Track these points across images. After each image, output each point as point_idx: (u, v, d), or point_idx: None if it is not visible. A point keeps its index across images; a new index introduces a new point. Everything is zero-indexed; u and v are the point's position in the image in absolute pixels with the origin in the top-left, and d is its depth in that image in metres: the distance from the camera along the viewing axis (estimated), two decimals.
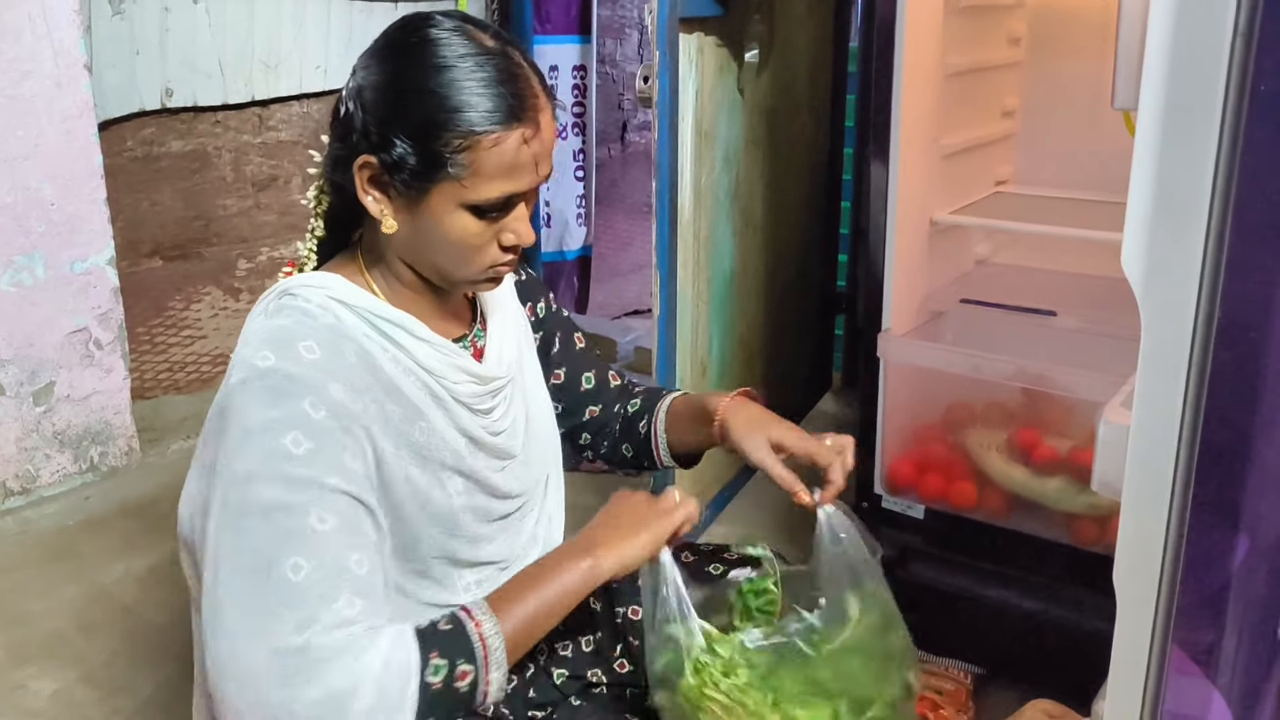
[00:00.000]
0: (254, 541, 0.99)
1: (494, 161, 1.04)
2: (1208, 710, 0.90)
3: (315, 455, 1.01)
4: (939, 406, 1.92)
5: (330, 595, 0.98)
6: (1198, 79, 0.76)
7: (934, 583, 1.76)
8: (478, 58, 1.04)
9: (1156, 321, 0.82)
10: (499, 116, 1.03)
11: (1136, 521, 0.87)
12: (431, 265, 1.12)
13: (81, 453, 2.45)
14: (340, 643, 0.97)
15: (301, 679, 0.96)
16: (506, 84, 1.04)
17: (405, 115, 1.04)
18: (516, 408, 1.28)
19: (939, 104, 1.80)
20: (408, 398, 1.13)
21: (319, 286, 1.11)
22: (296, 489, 1.00)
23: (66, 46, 2.25)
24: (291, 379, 1.03)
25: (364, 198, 1.08)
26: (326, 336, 1.07)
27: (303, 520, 0.99)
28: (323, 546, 0.99)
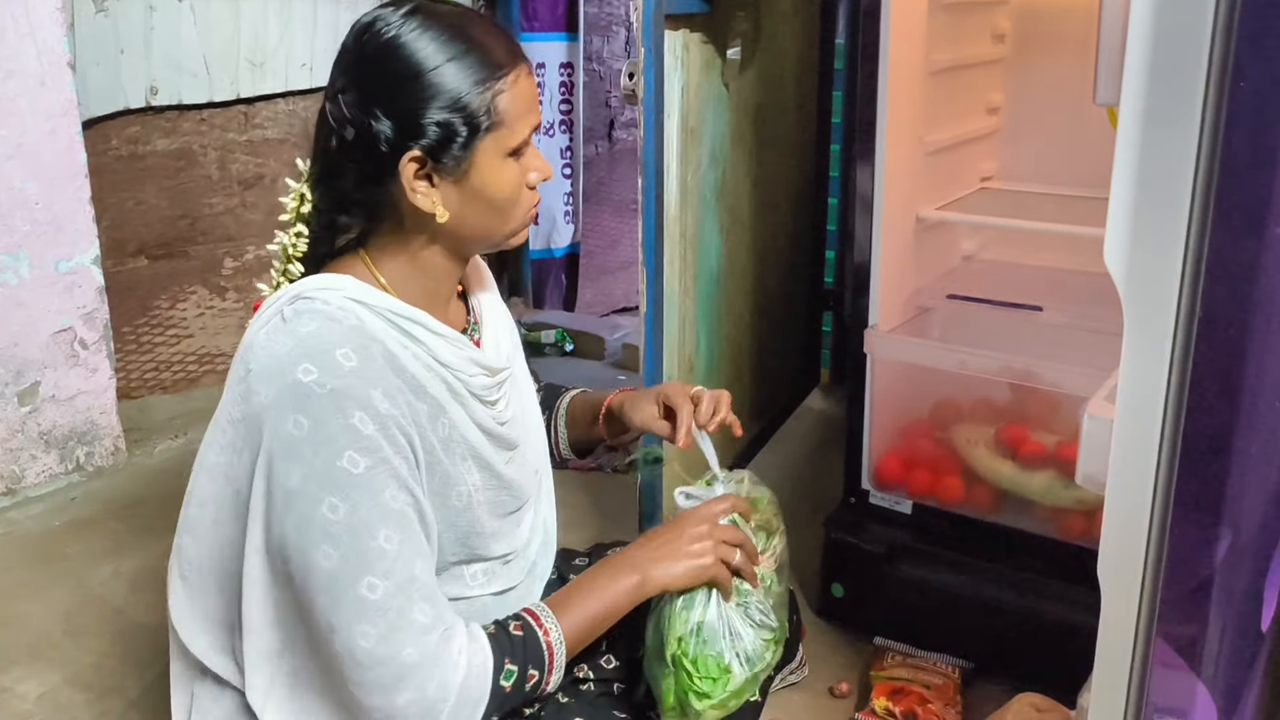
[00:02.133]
0: (332, 563, 1.04)
1: (518, 99, 1.11)
2: (1192, 703, 0.91)
3: (372, 472, 1.05)
4: (926, 402, 1.93)
5: (406, 608, 1.05)
6: (1179, 75, 0.76)
7: (922, 578, 1.76)
8: (456, 22, 1.10)
9: (1139, 316, 0.82)
10: (507, 58, 1.11)
11: (1120, 515, 0.88)
12: (482, 231, 1.16)
13: (67, 453, 2.44)
14: (422, 653, 1.05)
15: (393, 689, 1.05)
16: (496, 32, 1.13)
17: (432, 96, 1.07)
18: (514, 399, 1.31)
19: (924, 101, 1.80)
20: (430, 394, 1.14)
21: (335, 288, 1.12)
22: (359, 509, 1.04)
23: (50, 45, 2.24)
24: (337, 394, 1.04)
25: (415, 196, 1.10)
26: (356, 340, 1.08)
27: (370, 541, 1.05)
28: (393, 563, 1.05)
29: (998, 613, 1.70)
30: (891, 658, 1.74)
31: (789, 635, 1.54)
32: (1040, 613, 1.65)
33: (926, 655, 1.73)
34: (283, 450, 1.04)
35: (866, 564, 1.81)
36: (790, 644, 1.54)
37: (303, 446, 1.04)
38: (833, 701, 1.71)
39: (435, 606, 1.08)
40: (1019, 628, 1.68)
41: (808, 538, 2.07)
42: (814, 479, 2.43)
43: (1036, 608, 1.66)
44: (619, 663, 1.40)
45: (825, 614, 1.88)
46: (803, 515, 2.23)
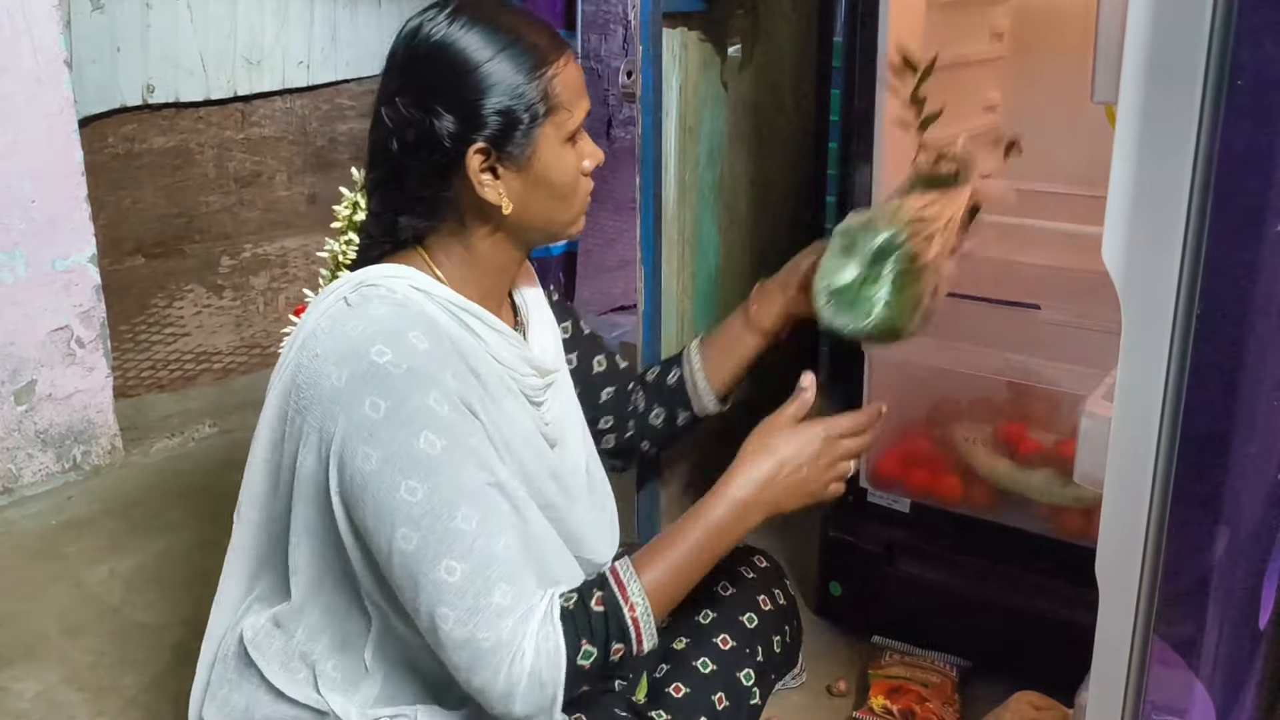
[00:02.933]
0: (412, 545, 1.05)
1: (570, 83, 1.15)
2: (1190, 701, 0.91)
3: (450, 452, 1.06)
4: (924, 401, 1.93)
5: (485, 590, 1.06)
6: (1177, 72, 0.76)
7: (920, 576, 1.76)
8: (500, 14, 1.13)
9: (1137, 315, 0.82)
10: (553, 46, 1.14)
11: (1118, 513, 0.88)
12: (543, 221, 1.19)
13: (64, 452, 2.44)
14: (497, 638, 1.05)
15: (469, 671, 1.06)
16: (537, 23, 1.16)
17: (491, 85, 1.10)
18: (558, 402, 1.32)
19: None
20: (491, 385, 1.16)
21: (401, 277, 1.14)
22: (439, 490, 1.05)
23: (46, 42, 2.23)
24: (413, 374, 1.06)
25: (481, 190, 1.13)
26: (426, 325, 1.10)
27: (449, 522, 1.05)
28: (473, 543, 1.06)
29: (996, 611, 1.70)
30: (889, 656, 1.74)
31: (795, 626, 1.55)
32: (1038, 611, 1.65)
33: (924, 654, 1.73)
34: (359, 433, 1.05)
35: (864, 563, 1.81)
36: (790, 650, 1.54)
37: (380, 429, 1.05)
38: (830, 700, 1.71)
39: (515, 585, 1.07)
40: (1017, 626, 1.68)
41: (805, 537, 2.07)
42: None
43: (1034, 606, 1.66)
44: None
45: (823, 613, 1.88)
46: (800, 514, 2.23)
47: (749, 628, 1.44)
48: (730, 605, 1.45)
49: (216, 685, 1.25)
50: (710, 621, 1.42)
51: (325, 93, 3.10)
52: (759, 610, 1.47)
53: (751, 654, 1.42)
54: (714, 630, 1.41)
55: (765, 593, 1.50)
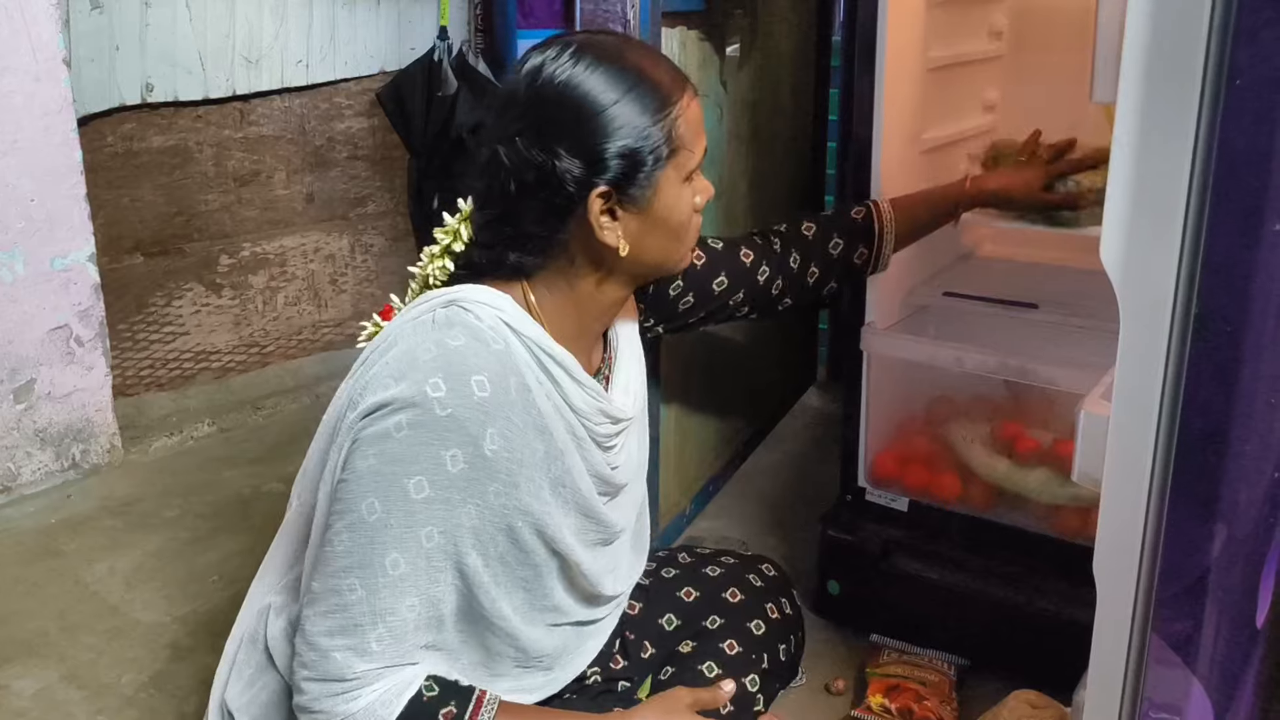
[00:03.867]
0: (340, 544, 1.08)
1: (692, 121, 1.14)
2: (1187, 699, 0.91)
3: (428, 505, 1.06)
4: (922, 400, 1.93)
5: (367, 627, 1.07)
6: (1175, 73, 0.77)
7: (918, 575, 1.77)
8: (624, 53, 1.12)
9: (1135, 314, 0.83)
10: (676, 85, 1.14)
11: (1116, 512, 0.88)
12: (658, 260, 1.17)
13: (63, 451, 2.44)
14: (350, 670, 1.07)
15: (308, 672, 1.09)
16: (660, 60, 1.16)
17: (615, 130, 1.08)
18: (631, 442, 1.30)
19: (921, 98, 1.80)
20: (553, 436, 1.14)
21: (492, 305, 1.12)
22: (392, 526, 1.06)
23: (44, 41, 2.23)
24: (451, 421, 1.05)
25: (601, 233, 1.11)
26: (496, 369, 1.08)
27: (380, 556, 1.07)
28: (383, 585, 1.07)
29: (994, 610, 1.70)
30: (887, 655, 1.74)
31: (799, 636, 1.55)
32: (1036, 610, 1.66)
33: (922, 652, 1.73)
34: (373, 437, 1.06)
35: (862, 561, 1.81)
36: (794, 659, 1.55)
37: (390, 446, 1.05)
38: (828, 698, 1.71)
39: (396, 644, 1.09)
40: (1015, 625, 1.68)
41: (804, 535, 2.07)
42: (810, 476, 2.43)
43: (1032, 605, 1.66)
44: (625, 663, 1.41)
45: (821, 611, 1.88)
46: (799, 512, 2.24)
47: (756, 634, 1.44)
48: (738, 612, 1.45)
49: (242, 666, 1.25)
50: (718, 627, 1.43)
51: (324, 92, 3.10)
52: (767, 618, 1.47)
53: (757, 660, 1.42)
54: (721, 635, 1.41)
55: (773, 601, 1.50)
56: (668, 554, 1.55)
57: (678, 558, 1.54)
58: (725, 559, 1.53)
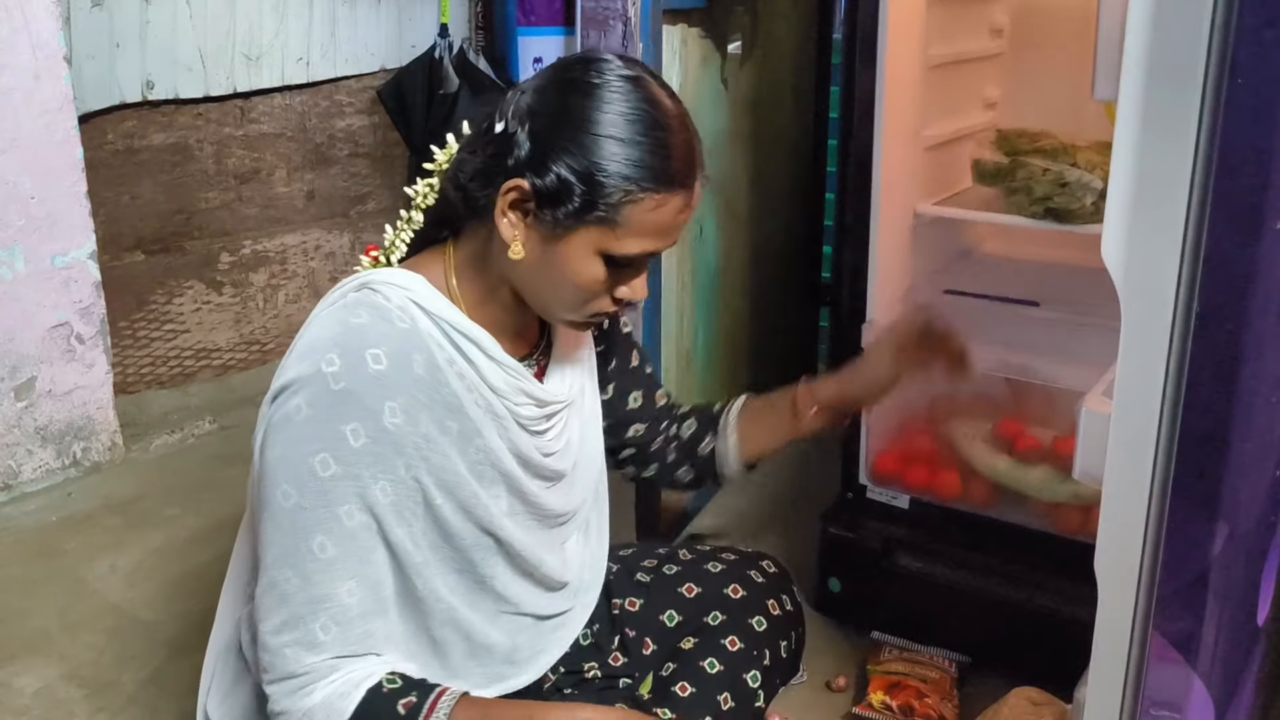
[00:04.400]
0: (268, 538, 1.08)
1: (650, 221, 1.06)
2: (1188, 697, 0.91)
3: (336, 482, 1.05)
4: (923, 397, 1.93)
5: (308, 617, 1.07)
6: (1177, 71, 0.76)
7: (919, 572, 1.77)
8: (660, 116, 1.05)
9: (1136, 311, 0.82)
10: (669, 179, 1.05)
11: (1117, 510, 0.88)
12: (541, 298, 1.13)
13: (64, 448, 2.44)
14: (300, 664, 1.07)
15: (268, 675, 1.09)
16: (681, 148, 1.06)
17: (577, 154, 1.03)
18: (571, 429, 1.29)
19: (922, 95, 1.80)
20: (467, 414, 1.13)
21: (402, 286, 1.11)
22: (309, 509, 1.05)
23: (45, 39, 2.23)
24: (346, 395, 1.04)
25: (500, 219, 1.07)
26: (397, 345, 1.07)
27: (305, 541, 1.06)
28: (315, 570, 1.06)
29: (995, 607, 1.70)
30: (888, 652, 1.74)
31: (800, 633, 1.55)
32: (1037, 607, 1.66)
33: (923, 650, 1.74)
34: (278, 423, 1.06)
35: (863, 559, 1.81)
36: (795, 656, 1.55)
37: (293, 429, 1.05)
38: (829, 696, 1.71)
39: (343, 629, 1.08)
40: (1016, 622, 1.68)
41: (805, 533, 2.07)
42: (811, 474, 2.43)
43: (1033, 602, 1.66)
44: (625, 660, 1.41)
45: (822, 609, 1.88)
46: (800, 510, 2.24)
47: (758, 631, 1.45)
48: (740, 608, 1.45)
49: (220, 676, 1.25)
50: (719, 623, 1.43)
51: (324, 89, 3.10)
52: (768, 614, 1.47)
53: (759, 657, 1.42)
54: (723, 632, 1.41)
55: (774, 598, 1.50)
56: (668, 550, 1.55)
57: (678, 554, 1.54)
58: (726, 555, 1.53)
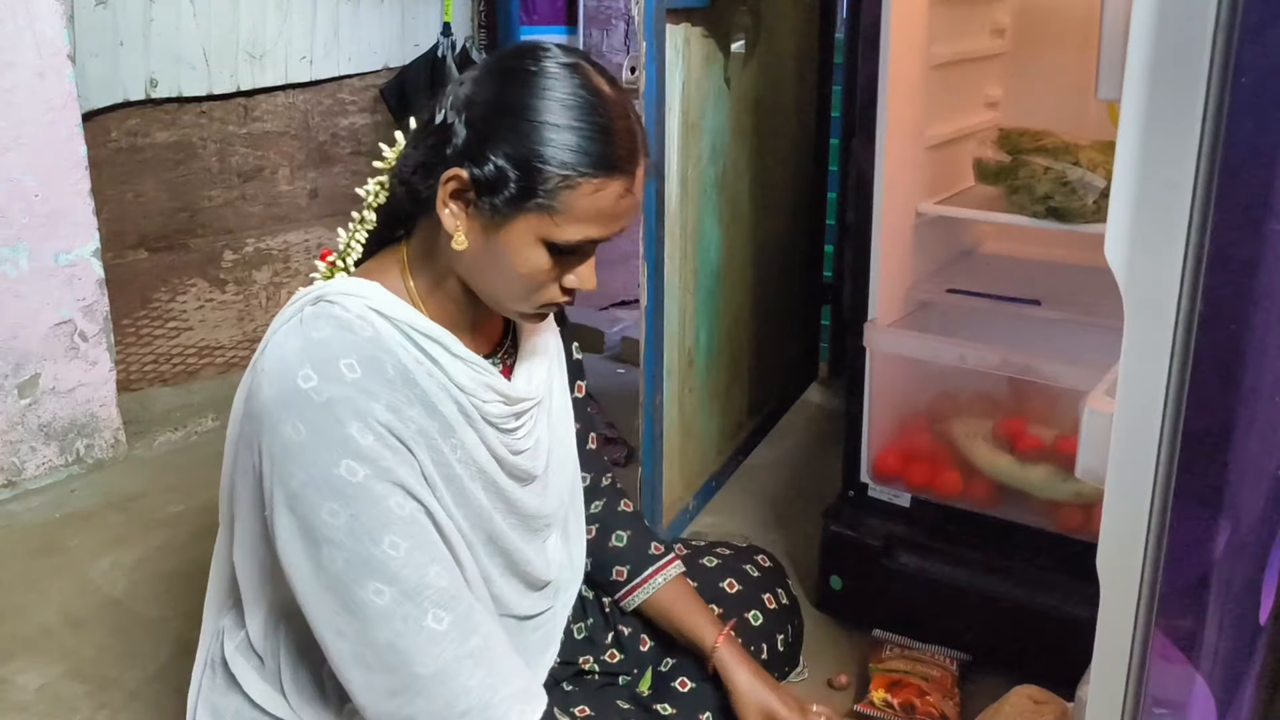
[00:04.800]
0: (337, 565, 1.04)
1: (589, 206, 1.04)
2: (1190, 695, 0.91)
3: (372, 480, 1.04)
4: (925, 396, 1.93)
5: (416, 615, 1.05)
6: (1181, 70, 0.77)
7: (920, 571, 1.77)
8: (598, 101, 1.04)
9: (1139, 311, 0.83)
10: (607, 164, 1.03)
11: (1120, 508, 0.88)
12: (489, 289, 1.12)
13: (67, 445, 2.44)
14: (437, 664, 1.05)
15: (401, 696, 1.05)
16: (620, 134, 1.05)
17: (514, 141, 1.02)
18: (540, 429, 1.28)
19: (924, 95, 1.80)
20: (442, 413, 1.12)
21: (358, 295, 1.10)
22: (360, 515, 1.03)
23: (49, 37, 2.23)
24: (334, 403, 1.03)
25: (442, 209, 1.07)
26: (366, 351, 1.06)
27: (376, 547, 1.04)
28: (400, 569, 1.04)
29: (996, 606, 1.70)
30: (890, 650, 1.74)
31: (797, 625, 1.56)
32: (1038, 606, 1.66)
33: (925, 648, 1.74)
34: (283, 453, 1.04)
35: (865, 557, 1.81)
36: (792, 649, 1.55)
37: (301, 452, 1.03)
38: (831, 693, 1.72)
39: (452, 612, 1.06)
40: (1017, 621, 1.68)
41: (806, 531, 2.08)
42: (812, 472, 2.44)
43: (1034, 601, 1.67)
44: (622, 656, 1.41)
45: (824, 606, 1.89)
46: (801, 508, 2.24)
47: (754, 625, 1.45)
48: (736, 602, 1.46)
49: (208, 689, 1.25)
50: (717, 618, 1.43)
51: (328, 88, 3.10)
52: (764, 609, 1.47)
53: (756, 652, 1.43)
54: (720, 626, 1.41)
55: (769, 591, 1.50)
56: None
57: (674, 549, 1.54)
58: (721, 550, 1.54)
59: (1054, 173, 1.65)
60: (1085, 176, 1.60)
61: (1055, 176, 1.65)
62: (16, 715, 1.70)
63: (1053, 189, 1.66)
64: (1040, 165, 1.68)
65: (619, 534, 1.43)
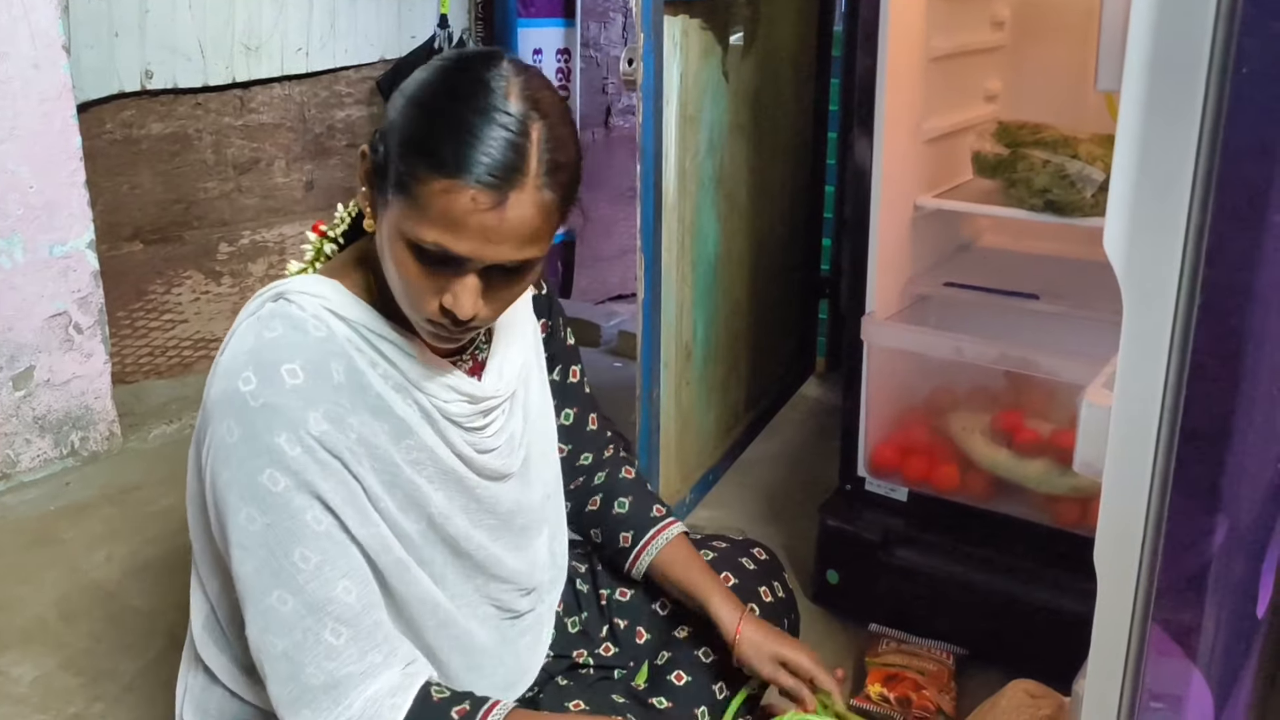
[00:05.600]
0: (246, 569, 1.05)
1: (437, 208, 0.97)
2: (1187, 689, 0.91)
3: (292, 492, 1.03)
4: (922, 390, 1.93)
5: (315, 629, 1.04)
6: (1180, 62, 0.76)
7: (917, 565, 1.77)
8: (487, 102, 0.98)
9: (1138, 304, 0.82)
10: (462, 169, 0.96)
11: (1117, 503, 0.88)
12: (389, 283, 1.08)
13: (62, 438, 2.44)
14: (328, 677, 1.05)
15: (291, 708, 1.05)
16: (496, 145, 0.97)
17: (401, 124, 1.00)
18: (514, 424, 1.26)
19: (922, 88, 1.80)
20: (397, 415, 1.11)
21: (315, 295, 1.09)
22: (275, 525, 1.03)
23: (44, 27, 2.22)
24: (267, 410, 1.02)
25: (360, 185, 1.07)
26: (314, 356, 1.05)
27: (285, 558, 1.04)
28: (306, 581, 1.04)
29: (992, 600, 1.70)
30: (886, 644, 1.74)
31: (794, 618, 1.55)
32: (1035, 600, 1.66)
33: (921, 642, 1.74)
34: (215, 451, 1.04)
35: (862, 551, 1.81)
36: None
37: (230, 454, 1.03)
38: None
39: (352, 629, 1.05)
40: (1013, 614, 1.68)
41: (803, 525, 2.08)
42: (809, 466, 2.43)
43: (1031, 595, 1.67)
44: (617, 650, 1.41)
45: (820, 600, 1.89)
46: (798, 502, 2.24)
47: None
48: None
49: (192, 686, 1.25)
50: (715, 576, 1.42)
51: (324, 79, 3.09)
52: (760, 602, 1.47)
53: None
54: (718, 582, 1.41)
55: (766, 584, 1.50)
56: None
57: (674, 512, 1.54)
58: (717, 543, 1.53)
59: (1053, 166, 1.65)
60: (1084, 170, 1.60)
61: (1054, 170, 1.64)
62: (12, 707, 1.70)
63: (1051, 182, 1.65)
64: (1039, 158, 1.67)
65: (621, 500, 1.43)
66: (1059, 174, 1.64)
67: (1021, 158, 1.71)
